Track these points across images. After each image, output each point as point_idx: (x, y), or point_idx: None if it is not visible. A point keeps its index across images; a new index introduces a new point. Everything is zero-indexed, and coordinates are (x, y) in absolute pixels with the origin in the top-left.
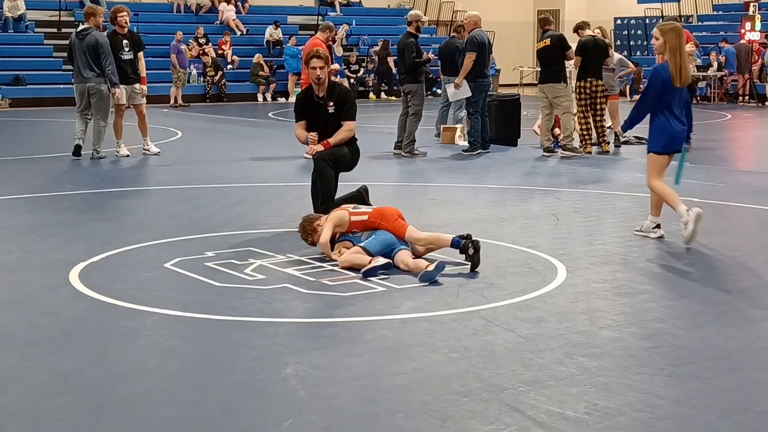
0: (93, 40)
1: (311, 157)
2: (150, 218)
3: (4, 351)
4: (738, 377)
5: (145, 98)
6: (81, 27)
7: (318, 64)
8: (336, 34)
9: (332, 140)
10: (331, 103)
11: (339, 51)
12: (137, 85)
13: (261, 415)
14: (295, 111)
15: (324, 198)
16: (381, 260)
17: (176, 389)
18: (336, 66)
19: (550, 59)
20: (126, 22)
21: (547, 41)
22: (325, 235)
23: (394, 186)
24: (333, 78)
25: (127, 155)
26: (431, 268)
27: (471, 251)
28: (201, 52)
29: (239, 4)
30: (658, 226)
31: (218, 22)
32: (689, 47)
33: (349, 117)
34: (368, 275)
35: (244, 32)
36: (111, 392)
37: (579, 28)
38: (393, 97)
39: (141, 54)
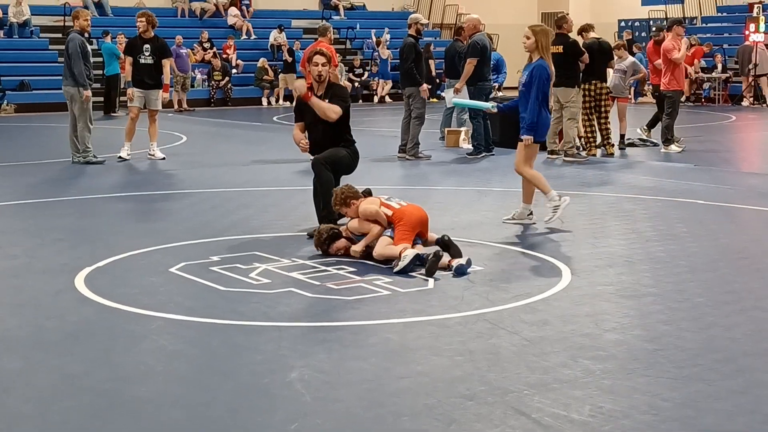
0: (66, 43)
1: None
2: (155, 223)
3: (10, 354)
4: (744, 379)
5: (161, 104)
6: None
7: (320, 60)
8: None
9: (316, 101)
10: (327, 101)
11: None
12: (155, 91)
13: (267, 418)
14: (294, 111)
15: (326, 201)
16: (411, 251)
17: (182, 392)
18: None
19: (564, 64)
20: (143, 27)
21: (559, 48)
22: (361, 243)
23: (398, 189)
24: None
25: (123, 158)
26: (463, 261)
27: (440, 254)
28: (212, 55)
29: (244, 8)
30: (531, 213)
31: (229, 26)
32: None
33: (337, 103)
34: (402, 272)
35: (252, 36)
36: (118, 395)
37: (583, 30)
38: (434, 99)
39: (165, 61)
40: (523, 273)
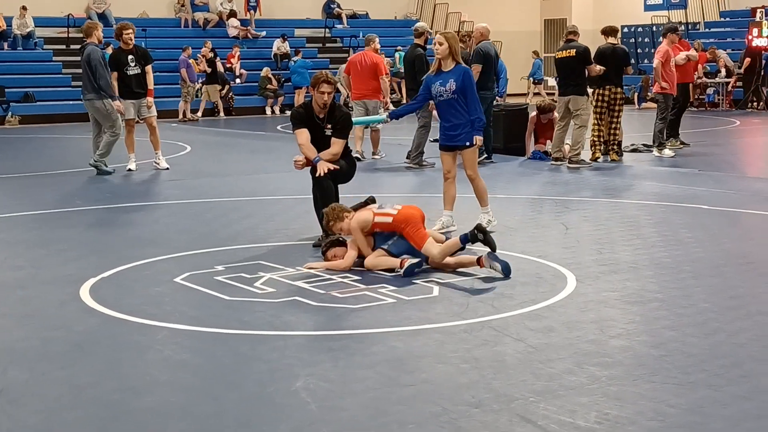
0: (86, 56)
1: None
2: (160, 233)
3: (17, 365)
4: (750, 385)
5: (155, 111)
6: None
7: (327, 89)
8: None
9: (325, 157)
10: (330, 126)
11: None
12: (147, 99)
13: (272, 427)
14: (294, 119)
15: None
16: (413, 259)
17: (188, 402)
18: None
19: (573, 71)
20: (131, 39)
21: (572, 52)
22: (349, 255)
23: (403, 197)
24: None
25: (133, 170)
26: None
27: (481, 236)
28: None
29: (251, 11)
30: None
31: (231, 36)
32: (691, 53)
33: (340, 136)
34: (408, 274)
35: (260, 36)
36: (124, 405)
37: (605, 33)
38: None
39: (149, 67)
40: (527, 280)
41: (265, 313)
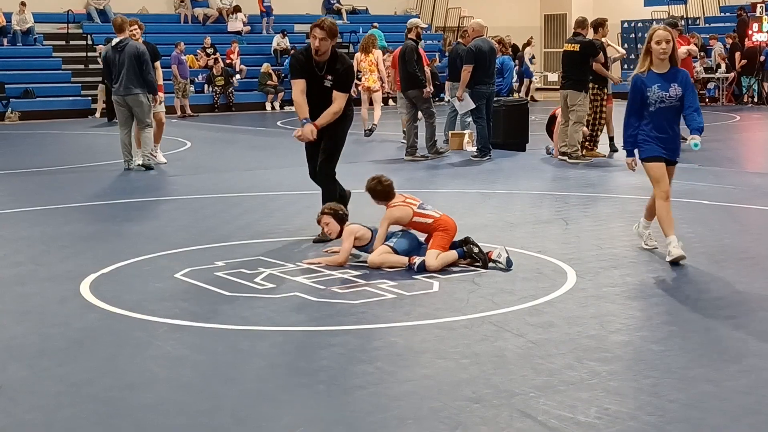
0: (134, 51)
1: (296, 137)
2: (160, 229)
3: (15, 362)
4: (750, 379)
5: (164, 107)
6: (117, 39)
7: (319, 34)
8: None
9: (319, 122)
10: (330, 77)
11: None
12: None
13: (272, 423)
14: (292, 67)
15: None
16: (421, 258)
17: (187, 398)
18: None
19: (576, 65)
20: (137, 35)
21: (576, 46)
22: (344, 250)
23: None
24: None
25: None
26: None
27: (475, 250)
28: (213, 61)
29: (266, 18)
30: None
31: (232, 32)
32: (691, 47)
33: (342, 89)
34: (421, 270)
35: (270, 23)
36: (123, 402)
37: (599, 25)
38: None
39: (157, 63)
40: (527, 275)
41: (265, 309)
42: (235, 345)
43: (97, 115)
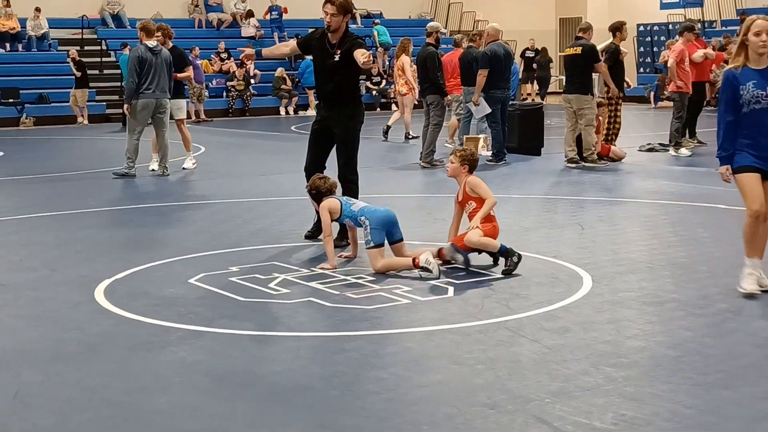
0: (167, 56)
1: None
2: (174, 234)
3: (30, 367)
4: (767, 385)
5: (185, 113)
6: (153, 43)
7: (329, 10)
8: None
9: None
10: (339, 52)
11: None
12: (178, 101)
13: (285, 428)
14: (306, 36)
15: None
16: (426, 256)
17: (201, 403)
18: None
19: (579, 69)
20: (162, 40)
21: (578, 50)
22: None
23: (417, 197)
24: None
25: (156, 170)
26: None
27: (515, 259)
28: (237, 65)
29: (276, 13)
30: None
31: (246, 36)
32: (708, 51)
33: (358, 47)
34: (455, 252)
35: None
36: (136, 407)
37: (616, 29)
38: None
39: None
40: (543, 280)
41: (279, 314)
42: (249, 350)
43: (85, 121)
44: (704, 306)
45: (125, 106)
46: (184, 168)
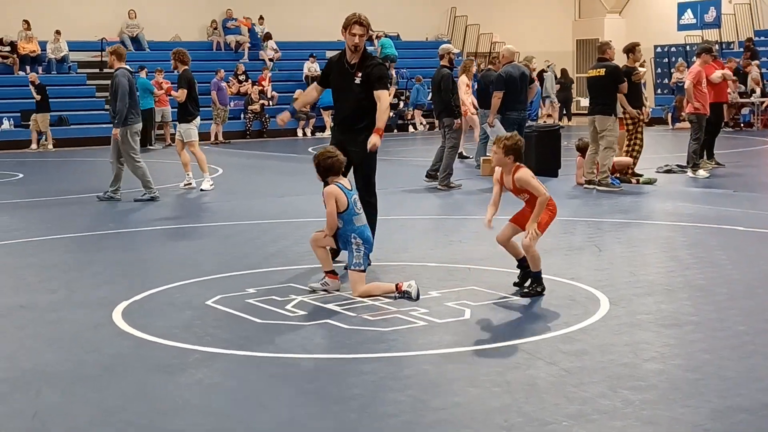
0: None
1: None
2: (191, 256)
3: (49, 388)
4: None
5: (197, 134)
6: (128, 67)
7: (359, 31)
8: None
9: (379, 124)
10: (360, 74)
11: None
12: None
13: None
14: (322, 72)
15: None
16: (409, 282)
17: (219, 425)
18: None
19: (602, 90)
20: (174, 65)
21: (601, 71)
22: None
23: (433, 219)
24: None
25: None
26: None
27: (539, 289)
28: (252, 85)
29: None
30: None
31: (263, 59)
32: (726, 72)
33: (381, 87)
34: (417, 297)
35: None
36: (155, 428)
37: (629, 51)
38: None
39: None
40: (560, 302)
41: (296, 336)
42: (267, 372)
43: (50, 146)
44: (723, 328)
45: (116, 131)
46: (202, 189)
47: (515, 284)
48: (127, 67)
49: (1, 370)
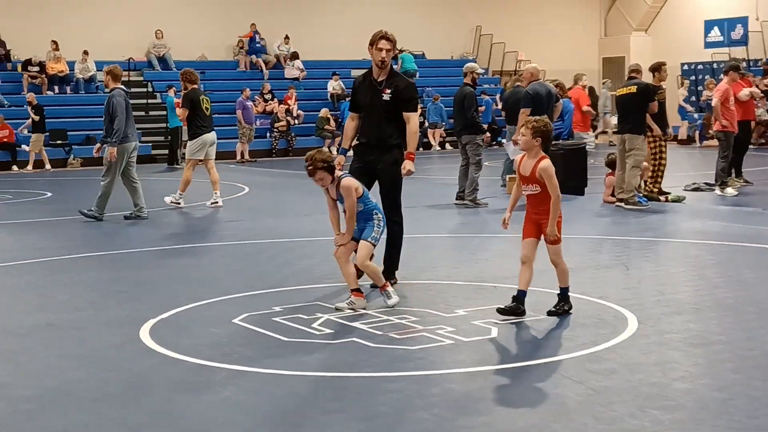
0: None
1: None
2: (217, 274)
3: (75, 406)
4: None
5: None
6: (122, 86)
7: (386, 46)
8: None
9: (410, 148)
10: (388, 91)
11: None
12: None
13: None
14: (351, 98)
15: (391, 254)
16: (390, 296)
17: None
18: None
19: (633, 108)
20: (182, 85)
21: (633, 89)
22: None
23: (459, 237)
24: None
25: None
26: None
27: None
28: (278, 104)
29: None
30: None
31: (289, 78)
32: (754, 90)
33: (410, 109)
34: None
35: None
36: None
37: (655, 69)
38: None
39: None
40: (588, 321)
41: (322, 354)
42: (293, 390)
43: (47, 166)
44: (752, 348)
45: (113, 149)
46: (208, 206)
47: (498, 310)
48: (123, 87)
49: (27, 388)
